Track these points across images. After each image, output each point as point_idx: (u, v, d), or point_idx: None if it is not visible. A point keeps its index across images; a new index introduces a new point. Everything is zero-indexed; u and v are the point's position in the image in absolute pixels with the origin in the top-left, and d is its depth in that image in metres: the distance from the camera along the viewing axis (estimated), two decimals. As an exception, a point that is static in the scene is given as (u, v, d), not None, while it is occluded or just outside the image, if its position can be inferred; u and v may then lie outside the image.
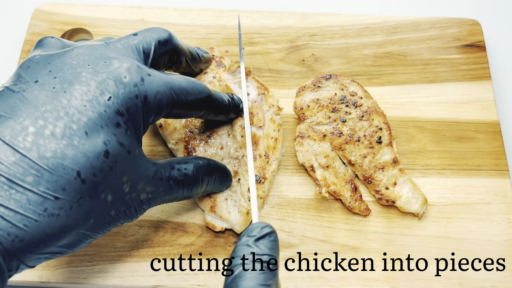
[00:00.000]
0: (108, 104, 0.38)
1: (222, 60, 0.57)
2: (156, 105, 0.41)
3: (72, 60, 0.40)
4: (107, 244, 0.52)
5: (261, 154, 0.52)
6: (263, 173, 0.52)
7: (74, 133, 0.36)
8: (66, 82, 0.38)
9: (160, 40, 0.46)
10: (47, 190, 0.34)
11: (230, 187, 0.52)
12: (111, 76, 0.39)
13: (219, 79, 0.55)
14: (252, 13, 0.67)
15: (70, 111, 0.37)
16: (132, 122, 0.40)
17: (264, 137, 0.53)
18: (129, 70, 0.40)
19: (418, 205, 0.53)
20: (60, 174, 0.35)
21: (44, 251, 0.36)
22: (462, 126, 0.59)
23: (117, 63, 0.40)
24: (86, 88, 0.38)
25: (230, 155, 0.52)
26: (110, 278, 0.50)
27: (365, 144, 0.54)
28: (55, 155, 0.35)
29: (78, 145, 0.36)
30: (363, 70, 0.63)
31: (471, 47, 0.65)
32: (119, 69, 0.39)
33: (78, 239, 0.38)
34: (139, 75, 0.40)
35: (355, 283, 0.50)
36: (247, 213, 0.50)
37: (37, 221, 0.34)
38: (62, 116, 0.36)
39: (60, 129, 0.36)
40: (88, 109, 0.37)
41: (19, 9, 0.74)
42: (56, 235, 0.36)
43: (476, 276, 0.50)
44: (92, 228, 0.38)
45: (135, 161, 0.40)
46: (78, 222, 0.37)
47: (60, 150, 0.35)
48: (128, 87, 0.39)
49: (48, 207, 0.34)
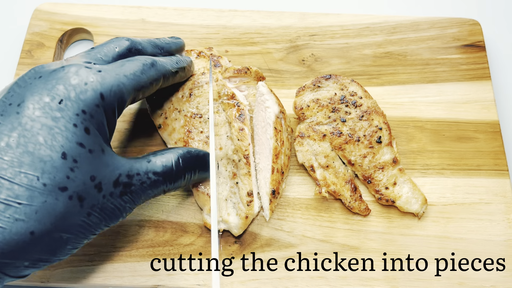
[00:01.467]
0: (60, 107, 0.39)
1: (219, 60, 0.57)
2: (115, 99, 0.42)
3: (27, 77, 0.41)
4: (107, 244, 0.52)
5: (279, 169, 0.53)
6: (277, 188, 0.52)
7: (29, 140, 0.37)
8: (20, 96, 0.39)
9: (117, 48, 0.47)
10: (8, 197, 0.35)
11: (230, 189, 0.52)
12: (60, 82, 0.40)
13: (216, 79, 0.55)
14: (252, 13, 0.67)
15: (23, 121, 0.38)
16: (91, 121, 0.40)
17: (283, 153, 0.53)
18: (77, 72, 0.41)
19: (418, 205, 0.53)
20: (19, 182, 0.36)
21: (19, 258, 0.36)
22: (462, 126, 0.59)
23: (65, 69, 0.41)
24: (38, 97, 0.39)
25: (228, 156, 0.52)
26: (110, 278, 0.50)
27: (365, 144, 0.54)
28: (12, 164, 0.36)
29: (33, 151, 0.37)
30: (363, 70, 0.63)
31: (471, 47, 0.65)
32: (67, 74, 0.40)
33: (55, 244, 0.38)
34: (89, 74, 0.41)
35: (355, 283, 0.50)
36: (246, 217, 0.50)
37: (4, 228, 0.35)
38: (15, 127, 0.37)
39: (15, 139, 0.37)
40: (40, 116, 0.38)
41: (19, 9, 0.74)
42: (26, 240, 0.36)
43: (476, 276, 0.50)
44: (67, 231, 0.38)
45: (101, 160, 0.40)
46: (47, 226, 0.37)
47: (16, 159, 0.36)
48: (79, 88, 0.40)
49: (11, 213, 0.35)
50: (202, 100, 0.54)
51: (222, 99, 0.54)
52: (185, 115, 0.53)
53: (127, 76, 0.44)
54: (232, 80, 0.56)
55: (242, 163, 0.51)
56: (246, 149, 0.51)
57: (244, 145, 0.51)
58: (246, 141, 0.52)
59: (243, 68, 0.56)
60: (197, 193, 0.52)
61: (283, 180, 0.54)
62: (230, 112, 0.53)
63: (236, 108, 0.53)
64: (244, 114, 0.53)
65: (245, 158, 0.51)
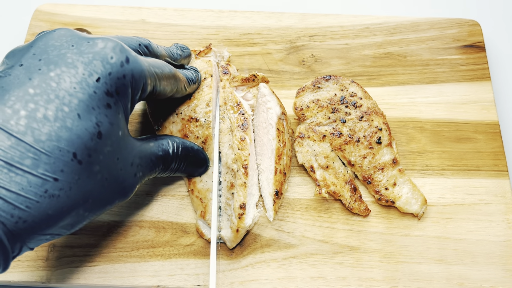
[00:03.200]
0: (97, 85, 0.38)
1: (228, 67, 0.57)
2: (142, 83, 0.42)
3: (55, 42, 0.40)
4: (107, 245, 0.52)
5: (281, 170, 0.53)
6: (280, 188, 0.53)
7: (67, 115, 0.36)
8: (52, 64, 0.38)
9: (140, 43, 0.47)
10: (46, 172, 0.35)
11: (226, 200, 0.52)
12: (98, 57, 0.39)
13: (223, 86, 0.55)
14: (252, 14, 0.67)
15: (60, 94, 0.37)
16: (122, 102, 0.40)
17: (285, 154, 0.53)
18: (114, 49, 0.40)
19: (418, 205, 0.53)
20: (57, 156, 0.35)
21: (46, 232, 0.36)
22: (462, 127, 0.59)
23: (101, 43, 0.40)
24: (74, 70, 0.38)
25: (228, 165, 0.52)
26: (111, 278, 0.50)
27: (364, 144, 0.54)
28: (50, 137, 0.35)
29: (71, 127, 0.36)
30: (362, 71, 0.63)
31: (470, 48, 0.65)
32: (104, 49, 0.40)
33: (77, 219, 0.39)
34: (124, 54, 0.40)
35: (355, 283, 0.50)
36: (236, 231, 0.50)
37: (39, 202, 0.35)
38: (53, 99, 0.36)
39: (52, 112, 0.36)
40: (78, 91, 0.37)
41: (20, 9, 0.74)
42: (57, 215, 0.36)
43: (476, 276, 0.50)
44: (90, 208, 0.39)
45: (125, 141, 0.41)
46: (77, 202, 0.37)
47: (54, 133, 0.35)
48: (116, 67, 0.39)
49: (48, 188, 0.35)
50: (200, 103, 0.54)
51: (227, 106, 0.54)
52: (183, 118, 0.53)
53: (154, 67, 0.44)
54: (239, 88, 0.56)
55: (241, 173, 0.51)
56: (246, 158, 0.51)
57: (244, 154, 0.51)
58: (247, 151, 0.52)
59: (250, 77, 0.56)
60: (192, 196, 0.52)
61: (285, 180, 0.54)
62: (234, 121, 0.53)
63: (240, 117, 0.53)
64: (247, 124, 0.53)
65: (243, 168, 0.51)
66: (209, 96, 0.54)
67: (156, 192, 0.55)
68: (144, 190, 0.55)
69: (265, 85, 0.56)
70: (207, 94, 0.54)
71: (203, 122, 0.53)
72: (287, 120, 0.56)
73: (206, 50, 0.58)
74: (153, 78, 0.44)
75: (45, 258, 0.51)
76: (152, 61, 0.45)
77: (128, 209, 0.54)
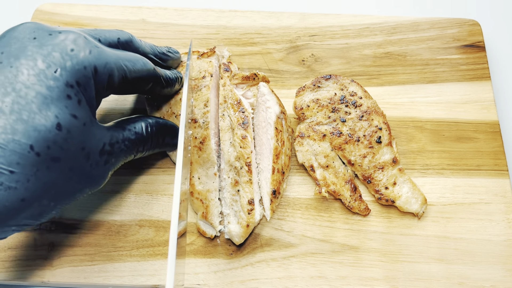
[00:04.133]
0: (55, 76, 0.38)
1: (229, 65, 0.57)
2: (107, 76, 0.42)
3: (19, 34, 0.40)
4: (107, 244, 0.52)
5: (279, 169, 0.53)
6: (278, 188, 0.52)
7: (23, 107, 0.36)
8: (12, 57, 0.38)
9: (119, 38, 0.47)
10: (1, 164, 0.35)
11: (231, 196, 0.52)
12: (57, 49, 0.39)
13: (224, 84, 0.55)
14: (252, 13, 0.67)
15: (17, 87, 0.37)
16: (84, 93, 0.40)
17: (283, 153, 0.53)
18: (75, 41, 0.40)
19: (418, 205, 0.53)
20: (12, 149, 0.35)
21: (8, 223, 0.37)
22: (462, 126, 0.59)
23: (62, 36, 0.40)
24: (32, 63, 0.38)
25: (230, 163, 0.52)
26: (111, 277, 0.50)
27: (364, 144, 0.54)
28: (5, 130, 0.35)
29: (27, 119, 0.36)
30: (363, 70, 0.63)
31: (470, 47, 0.65)
32: (64, 41, 0.39)
33: (42, 209, 0.39)
34: (87, 46, 0.40)
35: (355, 283, 0.50)
36: (247, 226, 0.50)
37: None
38: (9, 92, 0.36)
39: (8, 105, 0.36)
40: (35, 83, 0.37)
41: (20, 9, 0.74)
42: (16, 207, 0.36)
43: (476, 276, 0.50)
44: (55, 198, 0.39)
45: (91, 131, 0.41)
46: (38, 193, 0.37)
47: (10, 126, 0.35)
48: (75, 59, 0.39)
49: (3, 181, 0.35)
50: (198, 104, 0.54)
51: (227, 104, 0.54)
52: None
53: (124, 60, 0.44)
54: (239, 86, 0.56)
55: (244, 170, 0.51)
56: (248, 156, 0.51)
57: (246, 152, 0.51)
58: (249, 149, 0.52)
59: (251, 75, 0.56)
60: (192, 198, 0.52)
61: (283, 180, 0.54)
62: (234, 119, 0.53)
63: (240, 115, 0.53)
64: (248, 122, 0.53)
65: (247, 165, 0.51)
66: (207, 96, 0.54)
67: (156, 191, 0.55)
68: (144, 190, 0.55)
69: (264, 84, 0.56)
70: (205, 94, 0.54)
71: (201, 123, 0.53)
72: (286, 119, 0.55)
73: (209, 53, 0.58)
74: (122, 70, 0.44)
75: (45, 257, 0.51)
76: (124, 55, 0.45)
77: (128, 208, 0.54)
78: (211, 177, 0.52)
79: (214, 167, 0.52)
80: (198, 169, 0.52)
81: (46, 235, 0.52)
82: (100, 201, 0.54)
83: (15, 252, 0.51)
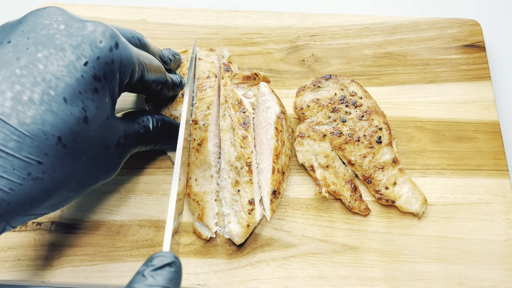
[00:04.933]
0: (85, 69, 0.38)
1: (230, 65, 0.57)
2: (130, 71, 0.42)
3: (45, 20, 0.39)
4: (107, 244, 0.52)
5: (279, 169, 0.53)
6: (278, 188, 0.52)
7: (53, 99, 0.36)
8: (40, 44, 0.38)
9: (133, 36, 0.47)
10: (29, 155, 0.35)
11: (232, 196, 0.52)
12: (86, 40, 0.39)
13: (224, 84, 0.55)
14: (252, 13, 0.67)
15: (47, 77, 0.36)
16: (109, 86, 0.40)
17: (283, 153, 0.53)
18: (103, 34, 0.40)
19: (418, 205, 0.53)
20: (41, 140, 0.35)
21: (29, 212, 0.37)
22: (462, 126, 0.59)
23: (91, 27, 0.40)
24: (62, 53, 0.38)
25: (231, 162, 0.52)
26: (111, 277, 0.50)
27: (365, 144, 0.54)
28: (35, 121, 0.35)
29: (57, 111, 0.36)
30: (363, 70, 0.63)
31: (470, 47, 0.65)
32: (94, 33, 0.39)
33: (61, 199, 0.39)
34: (114, 39, 0.40)
35: (355, 283, 0.50)
36: (247, 226, 0.50)
37: (22, 185, 0.35)
38: (39, 82, 0.36)
39: (38, 95, 0.36)
40: (65, 75, 0.37)
41: (20, 9, 0.74)
42: (41, 197, 0.36)
43: (476, 276, 0.50)
44: (74, 189, 0.39)
45: (111, 124, 0.42)
46: (61, 184, 0.38)
47: (39, 116, 0.35)
48: (104, 52, 0.39)
49: (31, 171, 0.35)
50: (201, 106, 0.54)
51: (228, 104, 0.54)
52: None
53: (143, 57, 0.44)
54: (240, 86, 0.56)
55: (244, 170, 0.51)
56: (249, 156, 0.51)
57: (246, 152, 0.51)
58: (249, 149, 0.52)
59: (252, 75, 0.56)
60: (188, 200, 0.52)
61: (284, 180, 0.54)
62: (235, 119, 0.53)
63: (241, 115, 0.53)
64: (248, 122, 0.53)
65: (247, 165, 0.51)
66: (211, 98, 0.54)
67: (156, 191, 0.55)
68: (144, 190, 0.55)
69: (265, 84, 0.56)
70: (210, 96, 0.54)
71: (201, 125, 0.53)
72: (286, 119, 0.55)
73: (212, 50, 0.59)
74: (142, 66, 0.44)
75: (45, 257, 0.51)
76: (142, 52, 0.45)
77: (128, 208, 0.54)
78: (208, 179, 0.52)
79: (211, 169, 0.52)
80: (195, 171, 0.52)
81: (46, 235, 0.52)
82: (100, 201, 0.54)
83: (15, 252, 0.51)
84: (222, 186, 0.53)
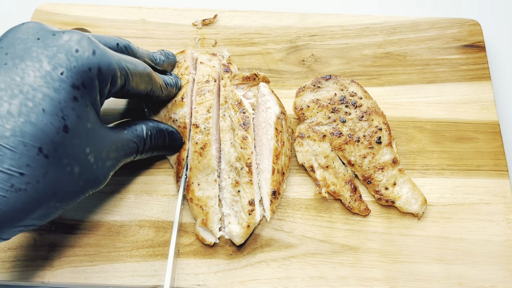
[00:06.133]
0: (62, 78, 0.38)
1: (229, 66, 0.57)
2: (110, 76, 0.42)
3: (22, 35, 0.40)
4: (107, 244, 0.52)
5: (279, 170, 0.53)
6: (278, 188, 0.52)
7: (31, 110, 0.36)
8: (17, 58, 0.38)
9: (118, 43, 0.47)
10: (11, 167, 0.35)
11: (232, 197, 0.52)
12: (62, 50, 0.39)
13: (224, 84, 0.55)
14: (252, 13, 0.67)
15: (24, 89, 0.37)
16: (89, 94, 0.40)
17: (283, 154, 0.53)
18: (79, 42, 0.40)
19: (418, 205, 0.53)
20: (22, 151, 0.36)
21: (17, 224, 0.37)
22: (462, 127, 0.59)
23: (66, 36, 0.40)
24: (38, 64, 0.38)
25: (231, 163, 0.52)
26: (111, 278, 0.50)
27: (364, 144, 0.54)
28: (14, 133, 0.35)
29: (36, 122, 0.36)
30: (363, 71, 0.63)
31: (470, 48, 0.65)
32: (69, 42, 0.39)
33: (49, 210, 0.39)
34: (91, 47, 0.40)
35: (354, 283, 0.50)
36: (247, 226, 0.50)
37: (5, 197, 0.35)
38: (16, 94, 0.36)
39: (16, 107, 0.36)
40: (42, 85, 0.37)
41: (20, 9, 0.74)
42: (27, 208, 0.37)
43: (476, 276, 0.50)
44: (62, 199, 0.39)
45: (96, 132, 0.41)
46: (47, 195, 0.38)
47: (18, 128, 0.36)
48: (81, 60, 0.39)
49: (14, 183, 0.35)
50: (201, 109, 0.53)
51: (228, 105, 0.54)
52: (179, 126, 0.54)
53: (126, 62, 0.44)
54: (240, 86, 0.56)
55: (245, 171, 0.51)
56: (249, 157, 0.51)
57: (247, 153, 0.51)
58: (249, 150, 0.52)
59: (251, 75, 0.56)
60: (191, 205, 0.52)
61: (283, 180, 0.54)
62: (235, 119, 0.53)
63: (241, 115, 0.53)
64: (248, 122, 0.53)
65: (247, 166, 0.51)
66: (210, 102, 0.53)
67: (156, 191, 0.55)
68: (144, 190, 0.55)
69: (264, 85, 0.56)
70: (209, 100, 0.54)
71: (202, 129, 0.52)
72: (286, 119, 0.55)
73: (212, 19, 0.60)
74: (124, 72, 0.44)
75: (45, 258, 0.51)
76: (125, 57, 0.45)
77: (128, 209, 0.54)
78: (211, 184, 0.52)
79: (214, 174, 0.52)
80: (198, 175, 0.52)
81: (46, 236, 0.52)
82: (100, 202, 0.54)
83: (15, 253, 0.51)
84: (222, 187, 0.53)
